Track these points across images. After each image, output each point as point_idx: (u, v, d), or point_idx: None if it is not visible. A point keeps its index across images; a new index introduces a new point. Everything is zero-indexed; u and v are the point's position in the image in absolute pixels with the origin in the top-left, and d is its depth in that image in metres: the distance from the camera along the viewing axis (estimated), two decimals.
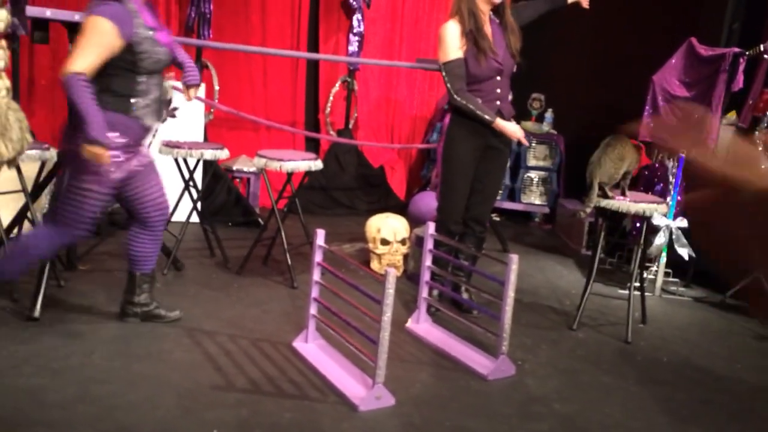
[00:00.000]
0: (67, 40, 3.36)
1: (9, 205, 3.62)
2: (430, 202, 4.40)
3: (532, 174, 6.02)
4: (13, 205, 3.61)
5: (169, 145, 3.86)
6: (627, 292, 3.63)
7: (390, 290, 2.47)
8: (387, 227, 4.18)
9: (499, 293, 2.93)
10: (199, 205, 4.21)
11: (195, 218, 4.21)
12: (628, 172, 3.62)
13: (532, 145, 5.95)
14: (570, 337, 3.50)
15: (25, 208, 3.50)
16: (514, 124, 3.51)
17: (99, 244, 4.04)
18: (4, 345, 2.79)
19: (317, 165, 3.94)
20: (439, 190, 3.60)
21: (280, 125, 5.61)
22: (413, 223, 4.50)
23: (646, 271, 4.11)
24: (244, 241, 4.36)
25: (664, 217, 4.04)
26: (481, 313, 3.49)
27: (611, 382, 3.00)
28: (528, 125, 5.92)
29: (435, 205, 3.70)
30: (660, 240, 4.10)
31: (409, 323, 3.39)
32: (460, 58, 3.37)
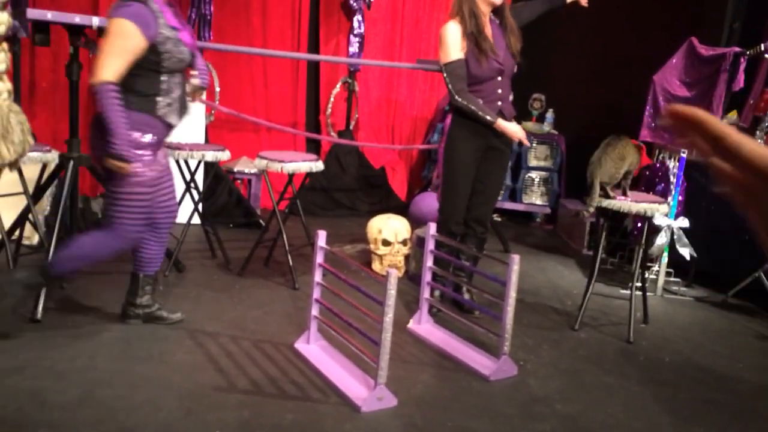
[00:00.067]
0: (68, 43, 3.36)
1: (11, 207, 3.63)
2: (431, 203, 4.40)
3: (533, 174, 6.02)
4: (14, 207, 3.62)
5: (171, 147, 3.86)
6: (628, 292, 3.63)
7: (391, 291, 2.47)
8: (388, 228, 4.18)
9: (501, 294, 2.93)
10: (200, 207, 4.21)
11: (196, 220, 4.21)
12: (629, 172, 3.62)
13: (533, 145, 5.95)
14: (572, 337, 3.50)
15: (27, 210, 3.52)
16: (516, 124, 3.51)
17: None
18: (7, 347, 2.80)
19: (318, 166, 3.94)
20: (441, 191, 3.60)
21: (281, 126, 5.62)
22: (414, 224, 4.50)
23: (647, 271, 4.11)
24: (245, 243, 4.37)
25: (666, 217, 4.04)
26: (482, 314, 3.49)
27: (613, 382, 3.00)
28: (529, 125, 5.93)
29: (436, 206, 3.70)
30: (661, 240, 4.10)
31: (411, 324, 3.39)
32: (461, 59, 3.37)
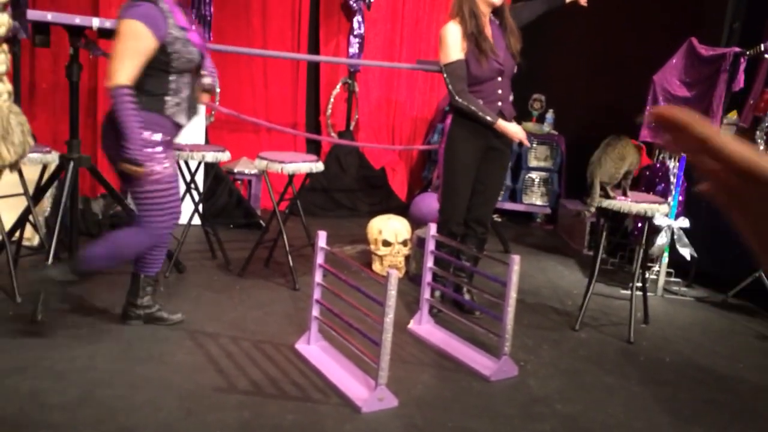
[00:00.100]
0: (68, 44, 3.36)
1: (11, 209, 3.62)
2: (432, 204, 4.40)
3: (533, 175, 6.02)
4: (15, 208, 3.61)
5: None
6: (629, 292, 3.63)
7: (392, 291, 2.47)
8: (388, 229, 4.18)
9: (501, 294, 2.93)
10: (200, 208, 4.21)
11: (197, 220, 4.21)
12: (630, 172, 3.62)
13: (533, 145, 5.95)
14: (572, 337, 3.50)
15: (27, 211, 3.52)
16: (516, 125, 3.51)
17: None
18: (7, 347, 2.80)
19: (318, 167, 3.94)
20: (441, 192, 3.60)
21: (281, 127, 5.62)
22: (415, 225, 4.50)
23: (647, 271, 4.10)
24: (245, 243, 4.37)
25: (666, 217, 4.04)
26: (483, 314, 3.49)
27: (613, 383, 3.00)
28: (529, 126, 5.93)
29: (436, 207, 3.70)
30: (662, 240, 4.10)
31: (411, 324, 3.39)
32: (462, 60, 3.37)
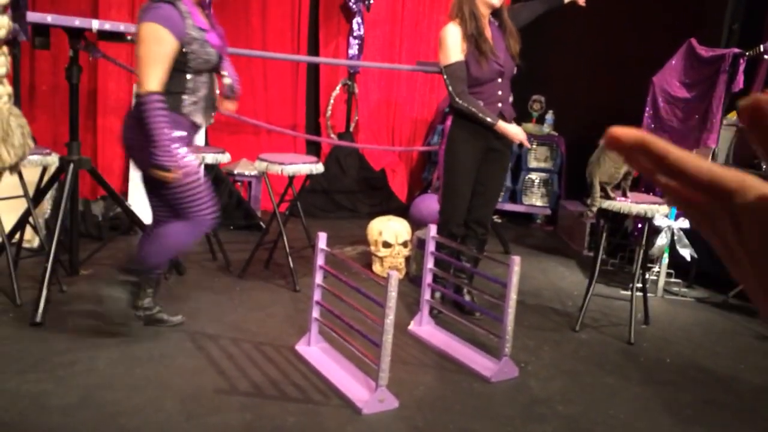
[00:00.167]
0: (68, 46, 3.37)
1: (11, 210, 3.62)
2: (432, 205, 4.40)
3: (533, 176, 6.02)
4: (15, 210, 3.61)
5: None
6: (629, 293, 3.63)
7: (392, 293, 2.47)
8: (389, 230, 4.18)
9: (502, 295, 2.93)
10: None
11: None
12: (630, 173, 3.62)
13: (533, 146, 5.95)
14: (573, 338, 3.50)
15: (27, 213, 3.51)
16: (516, 126, 3.52)
17: (100, 249, 4.03)
18: (8, 350, 2.80)
19: (318, 168, 3.94)
20: (441, 193, 3.60)
21: (281, 129, 5.62)
22: (415, 226, 4.50)
23: (648, 272, 4.10)
24: (245, 245, 4.36)
25: (666, 217, 4.04)
26: (483, 315, 3.49)
27: (614, 383, 3.00)
28: (529, 127, 5.92)
29: (436, 208, 3.70)
30: (662, 241, 4.10)
31: (412, 326, 3.39)
32: (462, 61, 3.37)
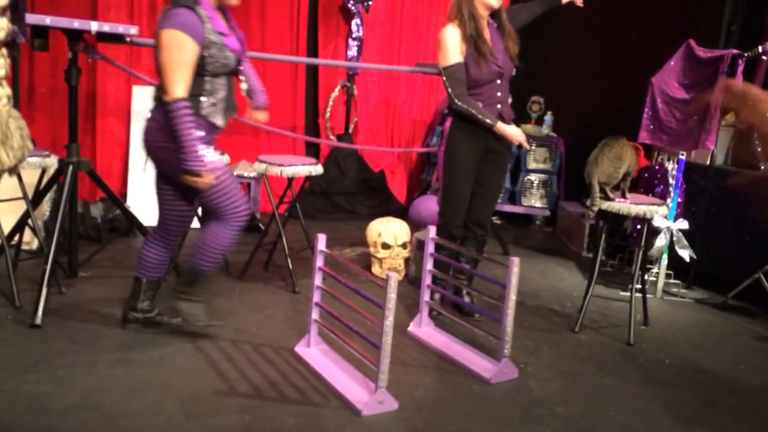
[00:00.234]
0: (66, 48, 3.37)
1: (10, 212, 3.62)
2: (431, 206, 4.41)
3: (533, 177, 6.03)
4: (14, 212, 3.61)
5: None
6: (628, 294, 3.63)
7: (392, 294, 2.47)
8: (388, 231, 4.18)
9: (501, 296, 2.93)
10: (200, 211, 4.21)
11: (195, 224, 4.20)
12: (629, 174, 3.63)
13: (532, 147, 5.95)
14: (572, 339, 3.50)
15: (26, 215, 3.51)
16: (515, 127, 3.52)
17: (99, 251, 4.03)
18: (7, 352, 2.80)
19: (318, 170, 3.94)
20: (440, 194, 3.60)
21: (280, 130, 5.62)
22: (414, 227, 4.50)
23: (647, 273, 4.11)
24: (245, 246, 4.36)
25: (665, 218, 4.04)
26: (482, 317, 3.48)
27: (614, 384, 3.00)
28: (528, 128, 5.93)
29: (436, 209, 3.70)
30: (661, 242, 4.10)
31: (411, 327, 3.39)
32: (461, 63, 3.37)
